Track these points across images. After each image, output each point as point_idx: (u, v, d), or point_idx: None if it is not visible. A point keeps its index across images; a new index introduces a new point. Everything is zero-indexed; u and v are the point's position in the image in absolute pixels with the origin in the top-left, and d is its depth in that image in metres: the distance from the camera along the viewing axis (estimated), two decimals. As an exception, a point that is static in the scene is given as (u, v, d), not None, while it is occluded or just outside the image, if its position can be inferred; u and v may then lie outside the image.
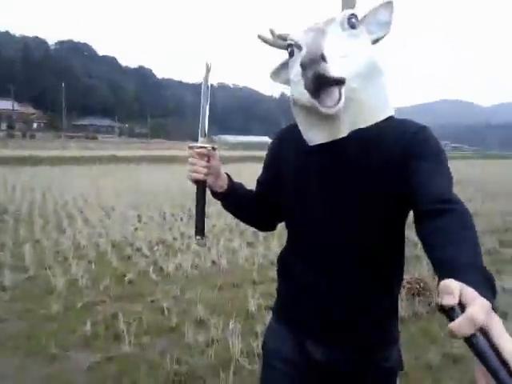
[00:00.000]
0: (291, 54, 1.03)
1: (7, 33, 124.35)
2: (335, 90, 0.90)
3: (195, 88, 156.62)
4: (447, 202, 0.84)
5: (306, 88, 0.91)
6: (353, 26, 0.98)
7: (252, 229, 4.99)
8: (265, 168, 1.24)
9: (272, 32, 1.11)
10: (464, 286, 0.57)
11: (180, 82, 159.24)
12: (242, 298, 3.77)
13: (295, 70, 0.99)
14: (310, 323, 1.08)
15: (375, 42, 1.04)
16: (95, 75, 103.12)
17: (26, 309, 3.53)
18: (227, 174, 1.20)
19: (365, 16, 1.03)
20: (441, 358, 2.78)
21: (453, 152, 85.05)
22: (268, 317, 3.26)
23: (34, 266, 4.61)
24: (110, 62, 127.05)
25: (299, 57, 0.94)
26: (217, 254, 5.13)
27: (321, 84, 0.89)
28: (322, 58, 0.86)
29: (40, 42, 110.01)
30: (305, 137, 1.05)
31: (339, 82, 0.90)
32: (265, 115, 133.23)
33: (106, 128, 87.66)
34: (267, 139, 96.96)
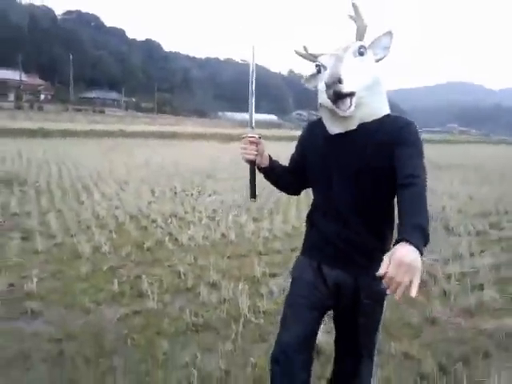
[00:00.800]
0: (319, 71, 1.56)
1: (14, 1, 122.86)
2: (348, 100, 1.42)
3: (202, 62, 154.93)
4: (412, 177, 1.32)
5: (329, 98, 1.43)
6: (361, 54, 1.49)
7: (257, 205, 5.51)
8: (296, 148, 1.77)
9: (305, 49, 1.63)
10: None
11: (187, 56, 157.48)
12: (248, 266, 4.22)
13: (322, 84, 1.49)
14: (326, 253, 1.60)
15: (378, 60, 1.55)
16: (102, 47, 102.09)
17: (59, 270, 4.01)
18: (269, 155, 1.74)
19: (372, 42, 1.55)
20: (420, 320, 3.23)
21: (459, 136, 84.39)
22: (272, 282, 3.73)
23: (60, 233, 5.08)
24: (118, 33, 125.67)
25: (324, 75, 1.47)
26: (226, 227, 5.58)
27: (338, 96, 1.41)
28: (339, 80, 1.38)
29: (47, 11, 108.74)
30: (328, 128, 1.56)
31: (351, 95, 1.42)
32: (273, 92, 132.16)
33: (113, 101, 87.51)
34: (274, 118, 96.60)
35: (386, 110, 1.53)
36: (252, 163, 1.71)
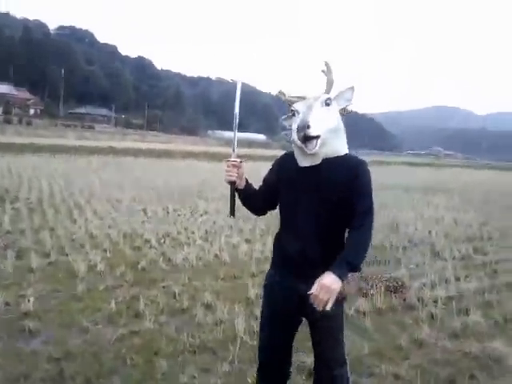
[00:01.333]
0: (293, 115, 1.89)
1: (8, 14, 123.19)
2: (314, 141, 1.76)
3: (193, 81, 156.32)
4: (361, 218, 1.76)
5: (299, 139, 1.78)
6: (328, 105, 1.84)
7: (250, 226, 5.65)
8: (270, 173, 2.06)
9: (283, 93, 1.94)
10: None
11: (179, 74, 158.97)
12: (242, 287, 4.32)
13: (294, 126, 1.83)
14: (290, 269, 1.89)
15: (342, 110, 1.91)
16: (95, 63, 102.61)
17: (54, 289, 4.05)
18: (245, 178, 2.03)
19: (337, 94, 1.89)
20: (409, 343, 3.35)
21: (444, 159, 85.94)
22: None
23: (55, 252, 5.12)
24: (111, 50, 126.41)
25: (297, 119, 1.82)
26: (219, 248, 5.67)
27: (306, 138, 1.75)
28: (308, 126, 1.73)
29: (41, 25, 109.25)
30: (298, 161, 1.88)
31: (317, 137, 1.75)
32: (262, 111, 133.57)
33: (103, 117, 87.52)
34: (263, 137, 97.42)
35: (345, 150, 1.89)
36: (232, 184, 1.99)
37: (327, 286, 1.61)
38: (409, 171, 30.03)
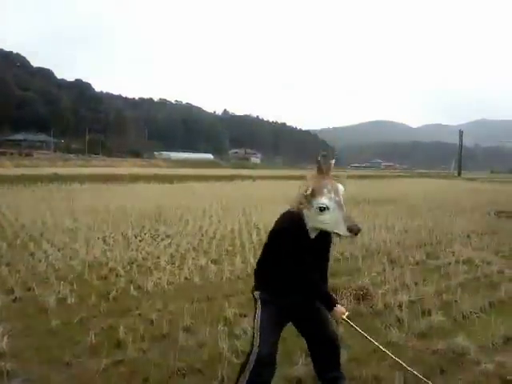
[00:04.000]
0: (322, 210, 2.27)
1: None
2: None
3: (136, 103, 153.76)
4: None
5: (347, 235, 2.29)
6: (321, 210, 2.31)
7: (215, 247, 5.74)
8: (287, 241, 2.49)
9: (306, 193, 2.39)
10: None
11: (120, 96, 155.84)
12: (218, 308, 4.41)
13: (323, 217, 2.30)
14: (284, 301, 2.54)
15: None
16: (29, 88, 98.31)
17: (26, 326, 3.93)
18: None
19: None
20: (383, 345, 3.58)
21: (385, 170, 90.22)
22: (244, 322, 3.93)
23: (18, 287, 4.93)
24: (46, 74, 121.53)
25: (332, 213, 2.27)
26: (188, 271, 5.71)
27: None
28: (359, 231, 2.29)
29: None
30: (309, 234, 2.44)
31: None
32: (208, 131, 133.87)
33: (41, 143, 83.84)
34: (211, 157, 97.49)
35: None
36: None
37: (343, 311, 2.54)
38: (355, 184, 31.30)
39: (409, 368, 2.72)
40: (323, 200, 2.26)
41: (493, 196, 21.34)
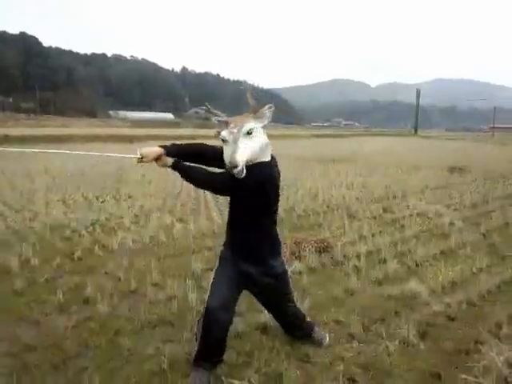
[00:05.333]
0: (223, 141, 2.29)
1: None
2: (240, 169, 2.16)
3: (87, 59, 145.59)
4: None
5: (229, 171, 2.19)
6: (250, 133, 2.25)
7: (179, 206, 5.82)
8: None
9: (217, 116, 2.45)
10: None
11: (70, 52, 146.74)
12: (184, 264, 4.49)
13: (225, 155, 2.27)
14: (236, 250, 2.52)
15: (264, 125, 2.35)
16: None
17: (-11, 288, 3.87)
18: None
19: (258, 116, 2.33)
20: (342, 293, 3.83)
21: (345, 129, 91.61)
22: (211, 274, 4.03)
23: (-23, 250, 4.80)
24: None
25: (227, 148, 2.27)
26: (153, 230, 5.73)
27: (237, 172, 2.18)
28: (235, 166, 2.13)
29: None
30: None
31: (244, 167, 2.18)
32: (166, 90, 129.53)
33: (-14, 102, 78.42)
34: (171, 116, 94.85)
35: (266, 158, 2.35)
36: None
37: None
38: (316, 142, 31.71)
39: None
40: (223, 133, 2.30)
41: (447, 153, 22.32)
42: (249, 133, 2.24)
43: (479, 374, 2.57)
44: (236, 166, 2.14)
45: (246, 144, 2.22)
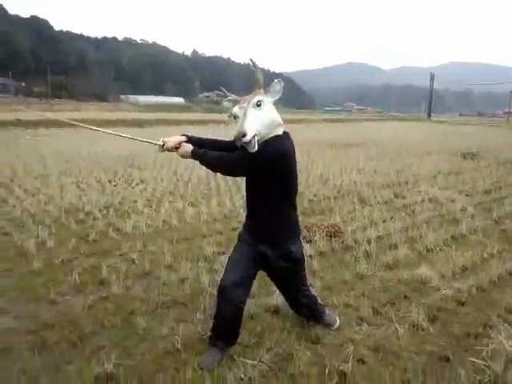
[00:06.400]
0: (234, 118, 2.33)
1: None
2: (252, 142, 2.16)
3: (98, 42, 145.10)
4: None
5: (238, 145, 2.19)
6: (259, 105, 2.26)
7: (191, 191, 5.87)
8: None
9: (225, 94, 2.59)
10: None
11: (81, 36, 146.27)
12: (197, 247, 4.57)
13: (235, 132, 2.18)
14: (254, 233, 2.53)
15: (274, 101, 2.36)
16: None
17: (8, 268, 3.99)
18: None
19: (267, 90, 2.34)
20: (352, 277, 3.87)
21: (357, 114, 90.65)
22: (222, 259, 4.11)
23: (-6, 232, 4.93)
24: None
25: (237, 123, 2.24)
26: (165, 214, 5.81)
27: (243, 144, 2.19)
28: (243, 135, 2.13)
29: None
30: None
31: (254, 136, 2.17)
32: (177, 74, 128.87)
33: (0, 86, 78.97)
34: (182, 100, 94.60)
35: (278, 132, 2.36)
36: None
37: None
38: (328, 127, 31.45)
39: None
40: (234, 109, 2.33)
41: (460, 138, 22.01)
42: (258, 104, 2.26)
43: (487, 358, 2.60)
44: (244, 135, 2.12)
45: (255, 114, 2.23)
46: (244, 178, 2.52)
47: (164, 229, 5.31)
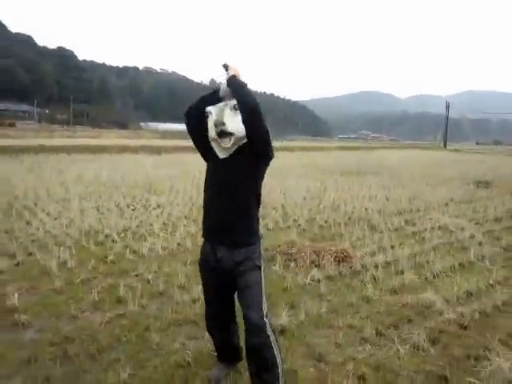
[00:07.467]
0: (207, 116, 2.31)
1: None
2: (228, 137, 2.23)
3: (120, 71, 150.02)
4: None
5: (216, 135, 2.24)
6: (236, 109, 2.25)
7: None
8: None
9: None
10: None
11: (104, 65, 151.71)
12: (210, 269, 4.75)
13: (211, 124, 2.28)
14: (213, 230, 2.45)
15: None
16: (8, 55, 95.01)
17: (32, 286, 4.24)
18: None
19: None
20: (358, 300, 4.00)
21: (372, 141, 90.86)
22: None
23: (20, 252, 5.20)
24: (25, 40, 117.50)
25: (211, 118, 2.27)
26: (180, 237, 6.04)
27: (222, 134, 2.23)
28: (223, 123, 2.21)
29: None
30: (217, 153, 2.35)
31: (230, 134, 2.22)
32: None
33: (24, 113, 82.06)
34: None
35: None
36: None
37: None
38: (342, 155, 31.66)
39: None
40: (209, 107, 2.36)
41: (475, 167, 21.95)
42: (235, 108, 2.25)
43: (485, 378, 2.70)
44: (223, 124, 2.22)
45: (233, 116, 2.25)
46: None
47: (178, 251, 5.53)
